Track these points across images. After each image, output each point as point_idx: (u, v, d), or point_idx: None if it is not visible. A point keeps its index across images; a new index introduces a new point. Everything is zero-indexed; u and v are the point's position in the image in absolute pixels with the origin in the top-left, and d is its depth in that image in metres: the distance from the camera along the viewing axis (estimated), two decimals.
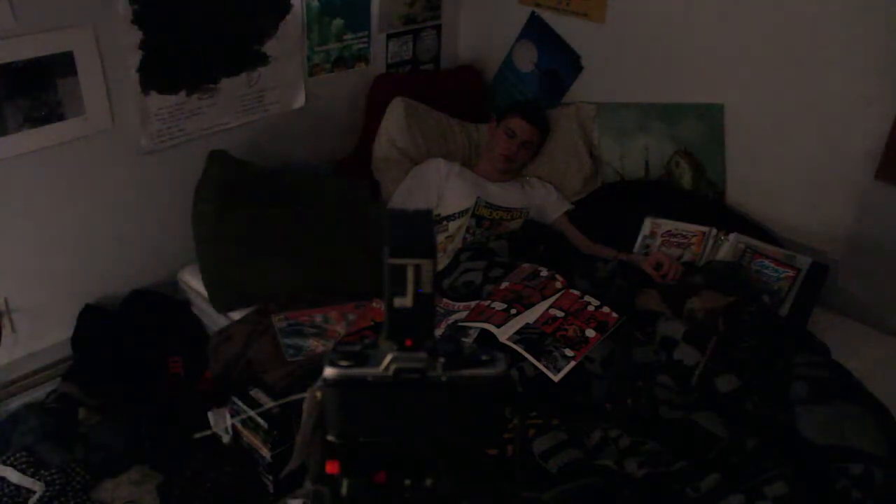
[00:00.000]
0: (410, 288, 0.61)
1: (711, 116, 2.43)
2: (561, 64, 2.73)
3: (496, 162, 2.58)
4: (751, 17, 2.25)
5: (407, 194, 2.57)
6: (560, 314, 1.93)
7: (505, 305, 1.98)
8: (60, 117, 2.03)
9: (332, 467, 0.65)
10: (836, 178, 2.22)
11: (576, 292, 2.00)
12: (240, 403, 1.99)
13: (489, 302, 2.03)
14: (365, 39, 2.71)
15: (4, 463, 1.97)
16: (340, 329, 2.13)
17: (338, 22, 2.60)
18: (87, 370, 2.25)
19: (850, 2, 2.06)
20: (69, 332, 2.28)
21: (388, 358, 0.62)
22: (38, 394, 2.24)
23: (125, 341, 2.25)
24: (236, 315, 2.24)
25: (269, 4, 2.38)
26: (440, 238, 2.43)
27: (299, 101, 2.60)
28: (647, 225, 2.44)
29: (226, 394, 2.09)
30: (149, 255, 2.40)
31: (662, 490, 1.55)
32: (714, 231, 2.34)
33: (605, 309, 1.94)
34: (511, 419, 0.69)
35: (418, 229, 0.63)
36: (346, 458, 0.65)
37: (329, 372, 0.63)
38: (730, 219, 2.40)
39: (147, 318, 2.33)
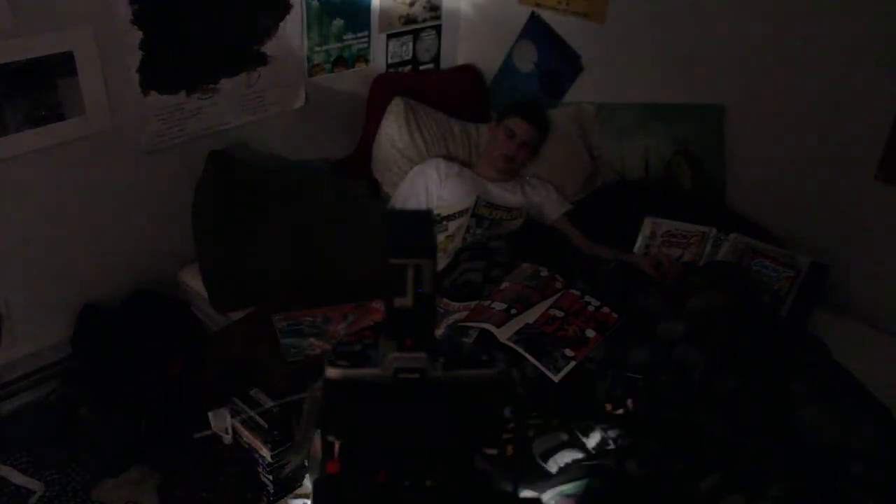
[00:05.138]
0: (410, 288, 0.61)
1: (711, 116, 2.43)
2: (561, 64, 2.73)
3: (496, 162, 2.58)
4: (751, 17, 2.25)
5: (406, 194, 2.57)
6: (560, 314, 1.93)
7: (505, 305, 1.98)
8: (60, 117, 2.02)
9: (332, 467, 0.65)
10: (836, 178, 2.22)
11: (576, 292, 2.00)
12: (240, 403, 1.99)
13: (489, 302, 2.02)
14: (365, 39, 2.71)
15: (4, 463, 1.97)
16: (340, 329, 2.13)
17: (338, 22, 2.60)
18: (87, 370, 2.24)
19: (849, 1, 2.06)
20: (69, 332, 2.28)
21: (388, 358, 0.62)
22: (38, 394, 2.24)
23: (125, 341, 2.25)
24: (236, 315, 2.24)
25: (269, 4, 2.38)
26: (440, 238, 2.43)
27: (299, 101, 2.60)
28: (647, 225, 2.44)
29: (226, 394, 2.09)
30: (149, 255, 2.40)
31: (662, 490, 1.55)
32: (714, 231, 2.34)
33: (605, 309, 1.94)
34: (511, 419, 0.69)
35: (418, 229, 0.63)
36: (346, 458, 0.65)
37: (330, 372, 0.63)
38: (730, 219, 2.40)
39: (147, 318, 2.33)
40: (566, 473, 1.59)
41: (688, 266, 2.25)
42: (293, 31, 2.46)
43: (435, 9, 2.89)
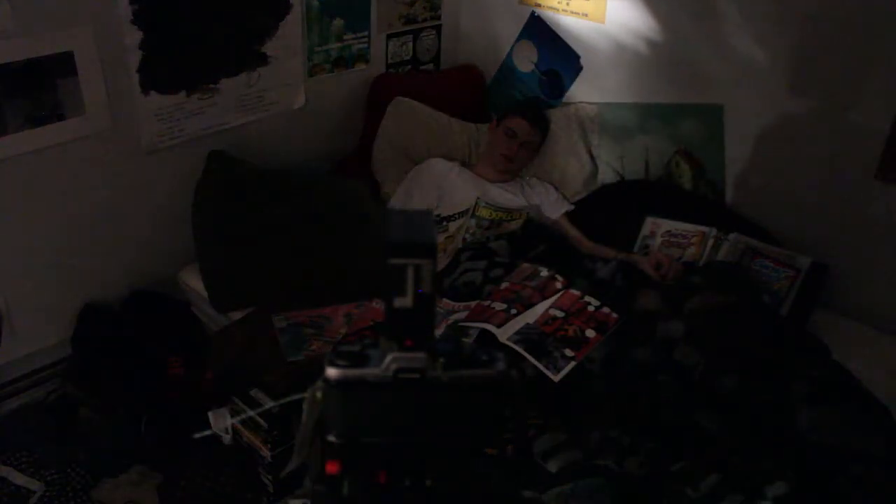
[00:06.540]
0: (410, 288, 0.61)
1: (711, 116, 2.43)
2: (561, 64, 2.73)
3: (496, 162, 2.58)
4: (750, 17, 2.25)
5: (407, 194, 2.57)
6: (560, 314, 1.92)
7: (505, 305, 1.98)
8: (60, 117, 2.02)
9: (332, 467, 0.65)
10: (835, 178, 2.22)
11: (576, 292, 1.99)
12: (240, 403, 1.99)
13: (489, 302, 2.02)
14: (365, 39, 2.71)
15: (4, 463, 1.97)
16: (340, 329, 2.13)
17: (338, 22, 2.60)
18: (87, 370, 2.24)
19: (848, 1, 2.06)
20: (69, 332, 2.28)
21: (389, 358, 0.62)
22: (38, 394, 2.24)
23: (125, 341, 2.25)
24: (236, 315, 2.24)
25: (269, 4, 2.38)
26: (440, 238, 2.43)
27: (299, 101, 2.60)
28: (647, 225, 2.44)
29: (226, 394, 2.09)
30: (149, 255, 2.40)
31: (662, 490, 1.55)
32: (714, 231, 2.34)
33: (605, 309, 1.94)
34: (511, 419, 0.69)
35: (418, 229, 0.63)
36: (346, 458, 0.65)
37: (329, 372, 0.63)
38: (730, 219, 2.40)
39: (147, 318, 2.33)
40: (566, 473, 1.59)
41: (688, 266, 2.25)
42: (293, 31, 2.46)
43: (435, 9, 2.89)
